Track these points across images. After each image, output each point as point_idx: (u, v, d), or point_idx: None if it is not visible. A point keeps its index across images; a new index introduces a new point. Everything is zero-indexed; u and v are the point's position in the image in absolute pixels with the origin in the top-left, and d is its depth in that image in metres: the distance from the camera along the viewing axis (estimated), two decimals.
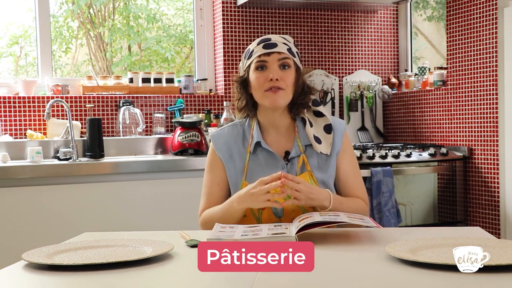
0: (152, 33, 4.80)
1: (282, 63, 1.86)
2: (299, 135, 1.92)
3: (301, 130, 1.92)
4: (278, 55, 1.86)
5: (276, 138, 1.93)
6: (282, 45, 1.88)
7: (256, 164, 1.90)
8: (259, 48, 1.87)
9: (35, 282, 1.25)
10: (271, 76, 1.84)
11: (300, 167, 1.88)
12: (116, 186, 3.08)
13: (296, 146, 1.90)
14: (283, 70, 1.86)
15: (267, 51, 1.85)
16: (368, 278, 1.24)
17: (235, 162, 1.92)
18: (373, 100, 4.31)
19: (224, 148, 1.94)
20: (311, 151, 1.90)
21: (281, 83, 1.84)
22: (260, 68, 1.86)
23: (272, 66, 1.85)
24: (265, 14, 4.08)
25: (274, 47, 1.86)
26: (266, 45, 1.86)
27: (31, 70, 4.28)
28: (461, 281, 1.14)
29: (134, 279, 1.24)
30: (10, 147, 3.34)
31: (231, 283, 1.23)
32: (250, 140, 1.92)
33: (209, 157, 1.99)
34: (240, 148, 1.93)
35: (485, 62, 3.52)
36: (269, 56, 1.85)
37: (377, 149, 3.62)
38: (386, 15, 4.44)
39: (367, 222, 1.59)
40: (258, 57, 1.86)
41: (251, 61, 1.89)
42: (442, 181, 3.72)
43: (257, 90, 1.87)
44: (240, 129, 1.96)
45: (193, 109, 3.95)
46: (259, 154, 1.91)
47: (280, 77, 1.84)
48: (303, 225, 1.53)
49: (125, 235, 1.69)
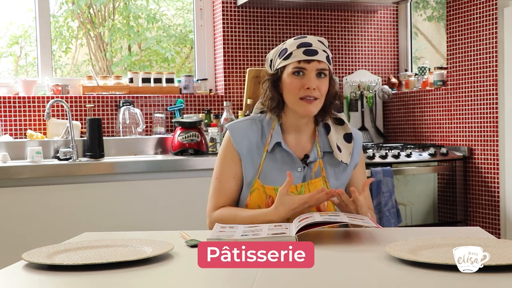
0: (152, 33, 4.80)
1: (320, 71, 1.83)
2: (319, 140, 1.91)
3: (322, 135, 1.91)
4: (318, 64, 1.82)
5: (296, 141, 1.91)
6: (322, 52, 1.84)
7: (271, 164, 1.87)
8: (299, 52, 1.82)
9: (35, 282, 1.25)
10: (308, 85, 1.81)
11: (315, 172, 1.87)
12: (116, 186, 3.08)
13: (315, 151, 1.89)
14: (319, 79, 1.83)
15: (307, 58, 1.81)
16: (368, 278, 1.24)
17: (253, 158, 1.88)
18: (373, 100, 4.31)
19: (243, 142, 1.89)
20: (329, 158, 1.89)
21: (317, 93, 1.82)
22: (297, 73, 1.82)
23: (310, 74, 1.82)
24: (265, 14, 4.08)
25: (315, 54, 1.82)
26: (307, 51, 1.82)
27: (31, 70, 4.28)
28: (461, 281, 1.14)
29: (134, 279, 1.24)
30: (10, 147, 3.34)
31: (231, 283, 1.23)
32: (269, 139, 1.89)
33: (224, 148, 1.91)
34: (258, 144, 1.89)
35: (485, 62, 3.52)
36: (309, 63, 1.81)
37: (377, 149, 3.62)
38: (386, 15, 4.44)
39: (367, 222, 1.59)
40: (297, 62, 1.82)
41: (288, 63, 1.84)
42: (442, 181, 3.72)
43: (291, 95, 1.84)
44: (259, 125, 1.92)
45: (193, 109, 3.94)
46: (276, 154, 1.88)
47: (317, 86, 1.82)
48: (303, 225, 1.53)
49: (125, 235, 1.69)
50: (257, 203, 1.85)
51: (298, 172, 1.86)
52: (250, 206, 1.87)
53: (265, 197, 1.85)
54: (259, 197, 1.85)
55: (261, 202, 1.85)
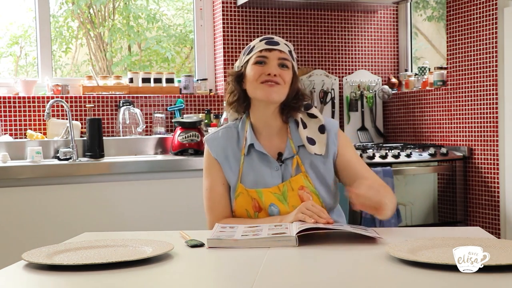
0: (152, 33, 4.80)
1: (281, 62, 1.86)
2: (292, 136, 1.91)
3: (294, 131, 1.92)
4: (279, 53, 1.87)
5: (269, 140, 1.92)
6: (284, 45, 1.89)
7: (250, 166, 1.90)
8: (261, 44, 1.88)
9: (35, 282, 1.25)
10: (269, 71, 1.84)
11: (295, 169, 1.88)
12: (116, 186, 3.08)
13: (289, 147, 1.90)
14: (282, 68, 1.86)
15: (269, 47, 1.86)
16: (369, 278, 1.24)
17: (231, 165, 1.91)
18: (373, 100, 4.30)
19: (219, 150, 1.93)
20: (305, 151, 1.90)
21: (278, 79, 1.85)
22: (259, 63, 1.86)
23: (272, 63, 1.86)
24: (265, 14, 4.08)
25: (277, 45, 1.88)
26: (269, 42, 1.88)
27: (31, 70, 4.28)
28: (461, 281, 1.14)
29: (134, 279, 1.24)
30: (10, 147, 3.34)
31: (231, 283, 1.23)
32: (244, 142, 1.91)
33: (206, 161, 1.96)
34: (235, 150, 1.92)
35: (485, 62, 3.52)
36: (270, 52, 1.86)
37: (377, 149, 3.62)
38: (386, 15, 4.44)
39: (369, 232, 1.56)
40: (259, 52, 1.87)
41: (251, 56, 1.89)
42: (442, 181, 3.72)
43: (252, 82, 1.86)
44: (234, 131, 1.95)
45: (193, 109, 3.94)
46: (253, 156, 1.90)
47: (279, 73, 1.85)
48: (304, 227, 1.53)
49: (125, 235, 1.70)
50: (244, 206, 1.87)
51: (275, 172, 1.87)
52: (237, 210, 1.88)
53: (250, 200, 1.86)
54: (245, 201, 1.87)
55: (247, 205, 1.87)
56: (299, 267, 1.35)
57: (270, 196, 1.84)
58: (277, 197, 1.84)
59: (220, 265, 1.39)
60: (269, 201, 1.84)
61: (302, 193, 1.84)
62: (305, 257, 1.42)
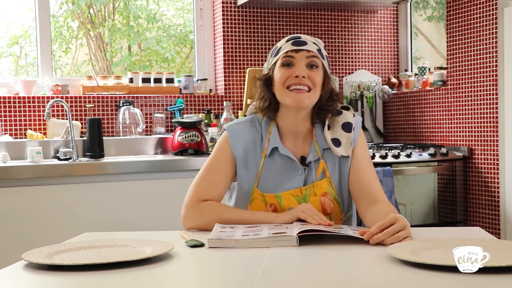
0: (152, 33, 4.80)
1: (310, 61, 1.76)
2: (317, 138, 1.82)
3: (319, 133, 1.83)
4: (307, 53, 1.76)
5: (293, 143, 1.83)
6: (312, 44, 1.78)
7: (270, 170, 1.81)
8: (288, 45, 1.77)
9: (35, 282, 1.25)
10: (297, 73, 1.73)
11: (320, 173, 1.80)
12: (116, 186, 3.07)
13: (314, 150, 1.81)
14: (311, 69, 1.75)
15: (295, 47, 1.75)
16: (369, 278, 1.24)
17: (248, 166, 1.81)
18: (373, 100, 4.31)
19: (240, 148, 1.82)
20: (330, 154, 1.81)
21: (307, 81, 1.74)
22: (287, 65, 1.76)
23: (300, 64, 1.75)
24: (265, 14, 4.08)
25: (304, 44, 1.76)
26: (295, 42, 1.77)
27: (31, 70, 4.28)
28: (461, 281, 1.14)
29: (134, 279, 1.24)
30: (10, 147, 3.34)
31: (231, 283, 1.23)
32: (266, 144, 1.82)
33: (221, 147, 1.83)
34: (257, 150, 1.82)
35: (485, 62, 3.52)
36: (297, 53, 1.75)
37: (377, 149, 3.62)
38: (386, 15, 4.44)
39: None
40: (285, 53, 1.76)
41: (278, 58, 1.78)
42: (442, 181, 3.72)
43: (279, 86, 1.75)
44: (259, 128, 1.84)
45: (193, 109, 3.94)
46: (275, 159, 1.81)
47: (307, 75, 1.74)
48: (305, 228, 1.52)
49: (125, 235, 1.70)
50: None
51: (299, 176, 1.80)
52: None
53: (264, 206, 1.79)
54: (258, 207, 1.79)
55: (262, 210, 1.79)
56: (299, 267, 1.34)
57: (291, 198, 1.77)
58: (298, 200, 1.77)
59: (220, 265, 1.39)
60: (289, 205, 1.76)
61: (324, 200, 1.78)
62: (305, 257, 1.42)
